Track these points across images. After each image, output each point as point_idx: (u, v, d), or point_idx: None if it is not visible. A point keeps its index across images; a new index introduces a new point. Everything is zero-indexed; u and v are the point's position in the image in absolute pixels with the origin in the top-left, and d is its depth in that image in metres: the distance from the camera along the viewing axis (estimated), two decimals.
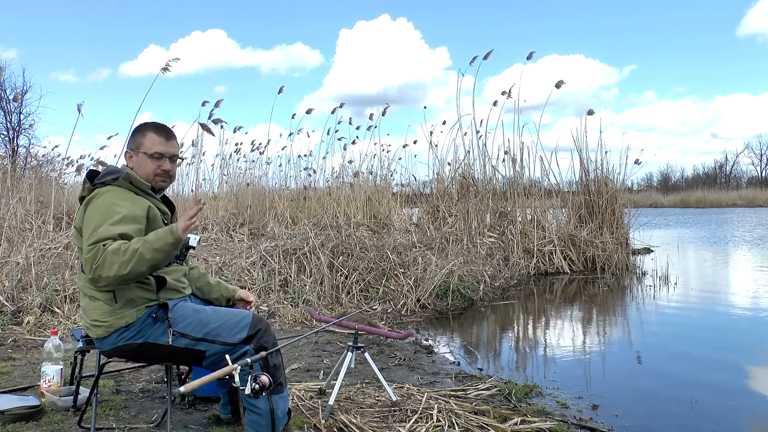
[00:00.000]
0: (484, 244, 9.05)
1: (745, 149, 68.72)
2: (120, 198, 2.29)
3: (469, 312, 6.42)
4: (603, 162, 10.74)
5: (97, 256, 2.10)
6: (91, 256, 2.12)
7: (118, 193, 2.32)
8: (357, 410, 3.09)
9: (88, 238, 2.17)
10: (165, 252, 2.15)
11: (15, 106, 18.76)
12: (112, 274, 2.09)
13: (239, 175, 11.60)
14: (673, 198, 44.02)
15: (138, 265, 2.10)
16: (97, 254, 2.10)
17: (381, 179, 11.32)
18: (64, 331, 4.65)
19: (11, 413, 2.80)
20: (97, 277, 2.13)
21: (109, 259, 2.09)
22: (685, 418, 3.30)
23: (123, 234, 2.17)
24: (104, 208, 2.23)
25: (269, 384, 2.04)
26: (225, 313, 2.41)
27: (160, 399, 3.21)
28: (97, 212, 2.23)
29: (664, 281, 8.46)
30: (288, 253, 6.60)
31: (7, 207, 7.22)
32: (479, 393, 3.47)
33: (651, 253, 11.78)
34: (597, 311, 6.85)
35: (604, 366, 4.49)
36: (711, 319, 6.37)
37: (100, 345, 2.40)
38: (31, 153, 15.33)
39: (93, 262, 2.11)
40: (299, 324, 5.41)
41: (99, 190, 2.34)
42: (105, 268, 2.09)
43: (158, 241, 2.13)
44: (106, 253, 2.09)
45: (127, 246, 2.11)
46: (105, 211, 2.22)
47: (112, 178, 2.36)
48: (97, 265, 2.10)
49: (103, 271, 2.10)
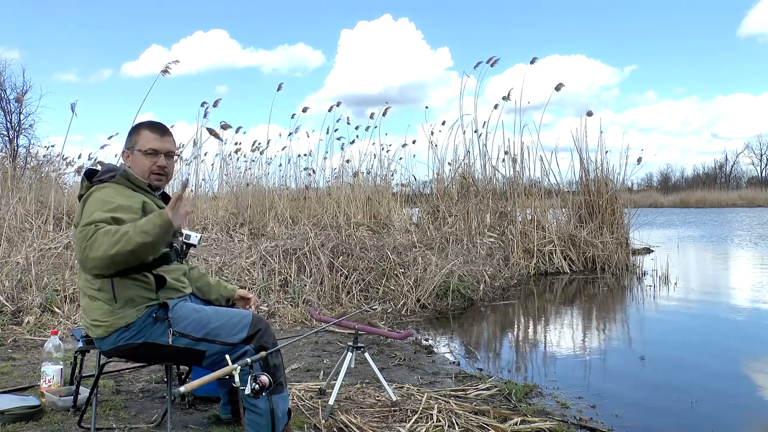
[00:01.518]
0: (484, 244, 9.05)
1: (745, 149, 68.75)
2: (116, 193, 2.30)
3: (469, 312, 6.42)
4: (603, 162, 10.77)
5: (87, 236, 2.06)
6: (82, 236, 2.07)
7: (114, 189, 2.32)
8: (357, 410, 3.09)
9: (82, 222, 2.14)
10: (154, 235, 2.04)
11: (15, 106, 18.78)
12: (99, 254, 2.03)
13: (239, 175, 11.60)
14: (673, 198, 44.03)
15: (125, 245, 2.01)
16: (87, 234, 2.06)
17: (381, 179, 11.31)
18: (64, 331, 4.65)
19: (11, 413, 2.80)
20: (84, 258, 2.08)
21: (98, 240, 2.04)
22: (685, 418, 3.30)
23: (116, 218, 2.14)
24: (100, 201, 2.23)
25: (269, 384, 2.04)
26: (225, 313, 2.41)
27: (160, 399, 3.21)
28: (92, 204, 2.23)
29: (664, 281, 8.46)
30: (288, 253, 6.60)
31: (7, 207, 7.22)
32: (479, 393, 3.48)
33: (651, 253, 11.78)
34: (597, 311, 6.85)
35: (604, 366, 4.49)
36: (711, 319, 6.37)
37: (100, 345, 2.39)
38: (31, 153, 15.33)
39: (83, 241, 2.07)
40: (299, 324, 5.41)
41: (97, 186, 2.34)
42: (93, 248, 2.05)
43: (147, 223, 2.06)
44: (96, 234, 2.05)
45: (118, 228, 2.07)
46: (101, 203, 2.22)
47: (109, 176, 2.38)
48: (86, 245, 2.06)
49: (91, 251, 2.05)
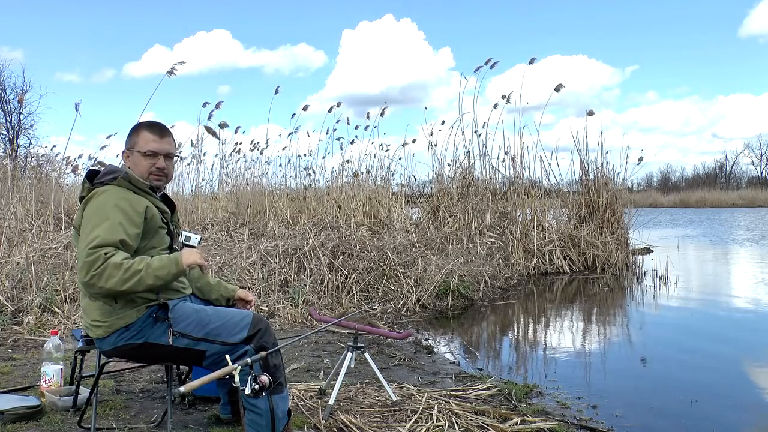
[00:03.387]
0: (484, 244, 9.05)
1: (745, 149, 68.72)
2: (118, 198, 2.29)
3: (469, 312, 6.42)
4: (603, 162, 10.76)
5: (96, 263, 2.10)
6: (91, 261, 2.11)
7: (116, 192, 2.31)
8: (357, 410, 3.09)
9: (88, 241, 2.16)
10: (165, 281, 2.20)
11: (15, 106, 18.78)
12: (108, 286, 2.11)
13: (239, 175, 11.59)
14: (673, 198, 44.03)
15: (136, 286, 2.14)
16: (96, 261, 2.10)
17: (381, 179, 11.31)
18: (64, 331, 4.65)
19: (11, 413, 2.80)
20: (91, 284, 2.13)
21: (108, 271, 2.10)
22: (685, 418, 3.30)
23: (123, 241, 2.19)
24: (102, 209, 2.23)
25: (269, 384, 2.04)
26: (225, 313, 2.41)
27: (160, 399, 3.21)
28: (96, 213, 2.23)
29: (664, 281, 8.46)
30: (288, 253, 6.60)
31: (7, 207, 7.21)
32: (479, 393, 3.47)
33: (651, 253, 11.77)
34: (597, 311, 6.85)
35: (604, 366, 4.49)
36: (711, 318, 6.37)
37: (100, 345, 2.39)
38: (31, 153, 15.31)
39: (91, 268, 2.11)
40: (299, 324, 5.41)
41: (98, 189, 2.33)
42: (103, 278, 2.10)
43: (161, 270, 2.17)
44: (107, 264, 2.10)
45: (131, 264, 2.13)
46: (103, 212, 2.22)
47: (110, 178, 2.36)
48: (95, 273, 2.10)
49: (99, 280, 2.10)
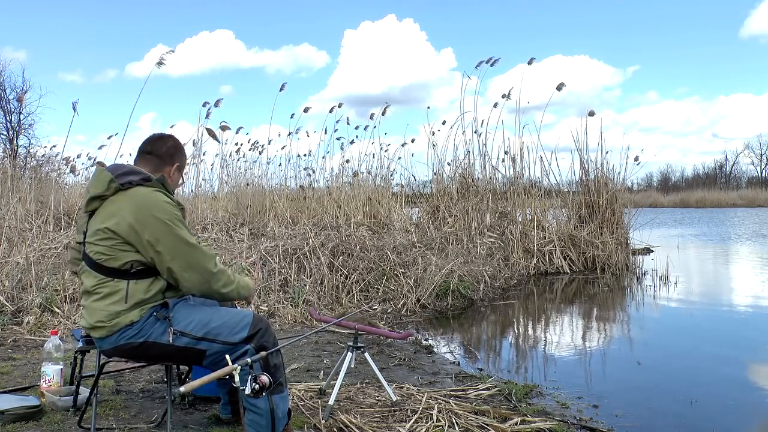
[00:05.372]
0: (484, 244, 9.04)
1: (745, 149, 68.68)
2: (166, 199, 2.34)
3: (469, 312, 6.42)
4: (603, 162, 10.76)
5: (226, 273, 2.37)
6: (220, 271, 2.34)
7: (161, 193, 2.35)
8: (357, 410, 3.09)
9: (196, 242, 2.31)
10: (240, 296, 2.48)
11: (15, 105, 18.78)
12: (215, 288, 2.34)
13: (239, 175, 11.58)
14: (673, 198, 44.04)
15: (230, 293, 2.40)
16: (226, 272, 2.37)
17: (381, 179, 11.30)
18: (64, 331, 4.65)
19: (11, 413, 2.80)
20: (207, 283, 2.31)
21: (224, 279, 2.36)
22: (685, 418, 3.30)
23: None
24: (170, 212, 2.29)
25: (269, 384, 2.04)
26: (225, 312, 2.41)
27: (160, 399, 3.21)
28: (166, 212, 2.27)
29: (664, 281, 8.46)
30: (288, 253, 6.60)
31: (7, 207, 7.21)
32: (479, 393, 3.48)
33: (651, 253, 11.77)
34: (597, 311, 6.85)
35: (604, 366, 4.49)
36: (711, 318, 6.37)
37: (101, 344, 2.39)
38: (30, 153, 15.31)
39: (224, 277, 2.35)
40: (299, 324, 5.41)
41: (139, 189, 2.30)
42: (221, 281, 2.35)
43: (245, 288, 2.47)
44: (225, 272, 2.37)
45: (231, 278, 2.40)
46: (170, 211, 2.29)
47: (141, 178, 2.34)
48: (214, 274, 2.31)
49: (215, 282, 2.33)
